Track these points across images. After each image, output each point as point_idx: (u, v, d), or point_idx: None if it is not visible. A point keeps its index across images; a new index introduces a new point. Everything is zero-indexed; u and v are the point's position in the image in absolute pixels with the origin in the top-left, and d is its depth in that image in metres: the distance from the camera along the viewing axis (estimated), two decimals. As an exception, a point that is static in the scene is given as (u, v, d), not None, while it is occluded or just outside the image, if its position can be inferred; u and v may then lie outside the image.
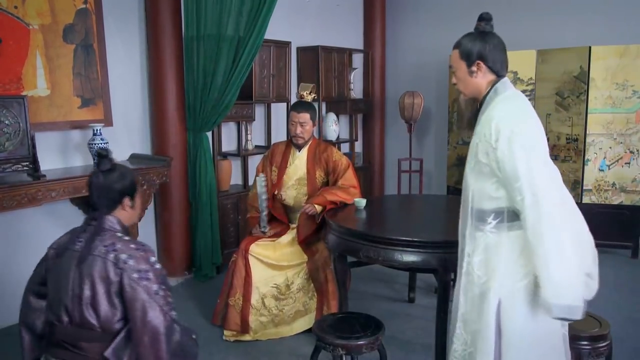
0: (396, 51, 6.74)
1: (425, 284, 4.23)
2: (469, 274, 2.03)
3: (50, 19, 3.64)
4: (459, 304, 2.07)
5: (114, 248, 1.88)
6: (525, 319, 1.91)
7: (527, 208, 1.80)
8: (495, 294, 1.93)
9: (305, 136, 3.60)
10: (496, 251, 1.94)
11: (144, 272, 1.87)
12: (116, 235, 1.94)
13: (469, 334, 2.03)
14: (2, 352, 3.26)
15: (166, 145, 4.29)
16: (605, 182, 4.99)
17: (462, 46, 2.03)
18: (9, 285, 3.52)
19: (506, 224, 1.93)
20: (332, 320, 2.63)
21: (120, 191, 2.00)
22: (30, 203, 3.22)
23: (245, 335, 3.35)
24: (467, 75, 2.04)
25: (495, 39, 2.02)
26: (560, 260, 1.77)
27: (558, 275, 1.78)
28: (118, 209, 2.01)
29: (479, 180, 1.97)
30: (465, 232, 2.05)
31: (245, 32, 4.15)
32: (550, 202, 1.79)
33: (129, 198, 2.03)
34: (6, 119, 3.23)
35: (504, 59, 2.03)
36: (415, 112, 5.99)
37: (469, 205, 2.02)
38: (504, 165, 1.85)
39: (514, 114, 1.92)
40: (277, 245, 3.49)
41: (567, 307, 1.78)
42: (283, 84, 5.19)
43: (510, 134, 1.84)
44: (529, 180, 1.80)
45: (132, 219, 2.12)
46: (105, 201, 1.98)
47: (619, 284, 4.31)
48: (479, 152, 1.94)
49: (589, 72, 4.91)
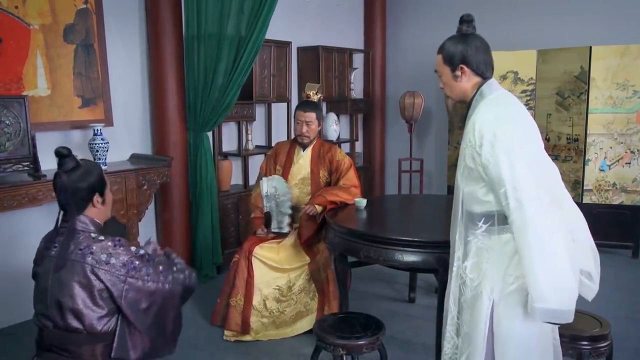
0: (397, 51, 6.74)
1: (425, 283, 4.23)
2: (459, 278, 2.02)
3: (51, 18, 3.64)
4: (449, 307, 2.06)
5: (91, 250, 1.85)
6: (517, 323, 1.89)
7: (512, 213, 1.78)
8: (487, 297, 1.92)
9: (311, 135, 3.61)
10: (488, 255, 1.92)
11: (129, 264, 1.88)
12: (90, 236, 1.91)
13: (459, 337, 2.03)
14: (4, 352, 3.26)
15: (167, 145, 4.28)
16: (605, 182, 4.99)
17: (445, 50, 2.02)
18: (10, 284, 3.53)
19: (496, 227, 1.91)
20: (333, 321, 2.63)
21: (88, 189, 1.94)
22: (30, 203, 3.22)
23: (246, 335, 3.35)
24: (452, 80, 2.03)
25: (477, 40, 2.00)
26: (545, 265, 1.75)
27: (543, 280, 1.75)
28: (89, 207, 1.96)
29: (469, 184, 1.96)
30: (455, 236, 2.04)
31: (246, 32, 4.14)
32: (534, 207, 1.76)
33: (98, 194, 1.98)
34: (7, 118, 3.23)
35: (488, 60, 2.01)
36: (416, 112, 5.99)
37: (460, 209, 2.01)
38: (489, 171, 1.83)
39: (496, 117, 1.88)
40: (280, 247, 3.48)
41: (552, 311, 1.76)
42: (283, 84, 5.19)
43: (492, 139, 1.82)
44: (512, 185, 1.77)
45: (105, 214, 2.06)
46: (73, 202, 1.92)
47: (620, 284, 4.31)
48: (466, 156, 1.93)
49: (589, 72, 4.91)
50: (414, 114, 5.99)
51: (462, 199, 1.99)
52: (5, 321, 3.59)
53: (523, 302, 1.86)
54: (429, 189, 6.60)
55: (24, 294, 3.61)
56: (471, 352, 1.95)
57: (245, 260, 3.37)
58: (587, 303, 1.96)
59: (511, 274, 1.89)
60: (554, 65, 5.10)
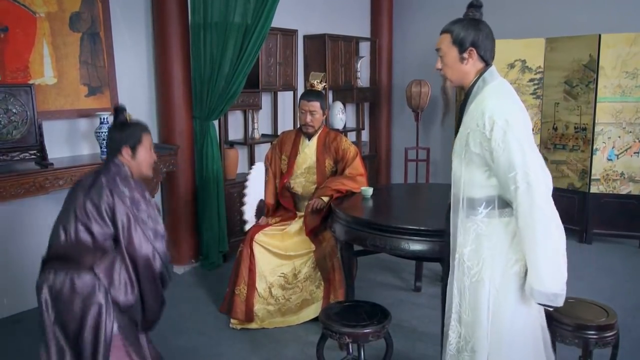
0: (403, 39, 6.69)
1: (431, 272, 4.23)
2: (460, 265, 2.03)
3: (57, 7, 3.64)
4: (452, 296, 2.07)
5: (115, 181, 2.13)
6: (516, 307, 1.93)
7: (521, 197, 1.82)
8: (488, 283, 1.94)
9: (315, 125, 3.59)
10: (488, 239, 1.95)
11: (136, 201, 2.12)
12: (120, 173, 2.18)
13: (462, 326, 2.04)
14: (12, 339, 3.29)
15: (173, 134, 4.29)
16: (613, 171, 4.96)
17: (455, 32, 2.00)
18: (17, 272, 3.56)
19: (497, 211, 1.94)
20: (339, 309, 2.63)
21: (118, 141, 2.23)
22: (38, 191, 3.24)
23: (252, 323, 3.37)
24: (458, 62, 2.01)
25: (487, 27, 2.01)
26: (547, 249, 1.81)
27: (544, 264, 1.81)
28: (119, 157, 2.23)
29: (469, 169, 1.97)
30: (457, 223, 2.04)
31: (252, 20, 4.12)
32: (542, 191, 1.81)
33: (128, 148, 2.23)
34: (14, 107, 3.24)
35: (493, 48, 2.02)
36: (422, 101, 5.96)
37: (461, 196, 2.02)
38: (499, 155, 1.85)
39: (506, 104, 1.91)
40: (284, 234, 3.49)
41: (551, 294, 1.82)
42: (290, 73, 5.18)
43: (504, 125, 1.84)
44: (524, 170, 1.81)
45: (138, 170, 2.29)
46: (109, 149, 2.27)
47: (627, 274, 4.30)
48: (470, 142, 1.93)
49: (598, 60, 4.86)
50: (421, 102, 5.96)
51: (463, 185, 2.00)
52: (13, 308, 3.62)
53: (521, 285, 1.91)
54: (435, 178, 6.58)
55: (30, 281, 3.65)
56: (475, 342, 1.97)
57: (248, 247, 3.39)
58: (594, 292, 1.96)
59: (511, 257, 1.93)
60: (563, 54, 5.06)
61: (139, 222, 2.09)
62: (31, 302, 3.63)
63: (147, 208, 2.14)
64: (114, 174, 2.16)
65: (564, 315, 2.37)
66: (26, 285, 3.61)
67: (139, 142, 2.27)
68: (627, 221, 4.93)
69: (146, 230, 2.10)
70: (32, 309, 3.62)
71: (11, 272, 3.57)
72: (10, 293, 3.59)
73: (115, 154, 2.24)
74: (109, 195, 2.09)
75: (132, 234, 2.07)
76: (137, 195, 2.13)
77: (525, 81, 5.22)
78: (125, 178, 2.17)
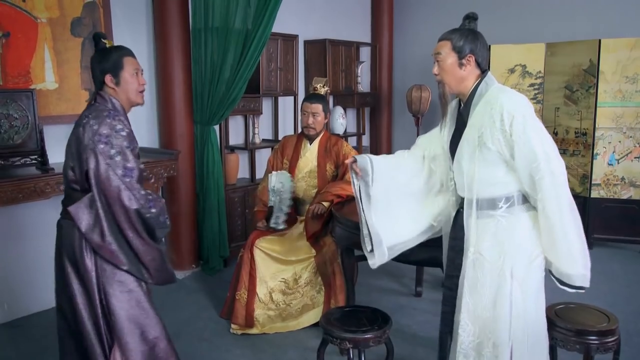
0: (404, 44, 6.70)
1: (432, 277, 4.22)
2: (477, 262, 2.07)
3: (58, 12, 3.65)
4: (462, 294, 2.10)
5: (91, 116, 2.07)
6: (537, 297, 2.05)
7: (546, 185, 1.93)
8: (510, 276, 2.01)
9: (317, 127, 3.60)
10: (509, 234, 2.03)
11: (104, 136, 2.01)
12: (99, 108, 2.11)
13: (478, 324, 2.07)
14: (13, 344, 3.29)
15: (173, 139, 4.29)
16: (614, 176, 4.96)
17: (455, 40, 2.11)
18: (18, 277, 3.55)
19: (517, 207, 2.05)
20: (339, 314, 2.63)
21: (101, 70, 2.14)
22: (38, 196, 3.24)
23: (252, 328, 3.37)
24: (456, 67, 2.12)
25: (482, 37, 2.15)
26: (578, 231, 1.96)
27: (575, 247, 1.95)
28: (105, 87, 2.16)
29: (486, 168, 2.05)
30: (470, 224, 2.10)
31: (253, 25, 4.14)
32: (564, 178, 1.96)
33: (110, 75, 2.14)
34: (15, 112, 3.25)
35: (488, 57, 2.21)
36: (423, 106, 5.96)
37: (474, 196, 2.08)
38: (521, 148, 1.96)
39: (519, 99, 2.04)
40: (285, 239, 3.49)
41: (583, 275, 1.97)
42: (290, 78, 5.18)
43: (523, 119, 1.96)
44: (546, 159, 1.93)
45: (126, 98, 2.20)
46: (94, 81, 2.18)
47: (628, 279, 4.29)
48: (486, 140, 2.02)
49: (598, 65, 4.87)
50: (421, 107, 5.96)
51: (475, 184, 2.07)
52: (14, 313, 3.61)
53: (542, 277, 2.05)
54: (436, 182, 6.57)
55: (31, 286, 3.66)
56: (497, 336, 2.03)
57: (248, 252, 3.38)
58: (595, 298, 1.99)
59: (533, 250, 2.04)
60: (563, 59, 5.06)
61: (105, 157, 1.99)
62: (31, 308, 3.64)
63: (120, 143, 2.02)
64: (94, 109, 2.11)
65: (565, 320, 2.37)
66: (27, 291, 3.62)
67: (120, 67, 2.16)
68: (628, 226, 4.93)
69: (115, 167, 2.00)
70: (32, 314, 3.62)
71: (12, 277, 3.57)
72: (11, 298, 3.59)
73: (101, 87, 2.16)
74: (82, 132, 2.04)
75: (100, 170, 1.99)
76: (106, 130, 2.01)
77: (526, 86, 5.22)
78: (102, 111, 2.07)
